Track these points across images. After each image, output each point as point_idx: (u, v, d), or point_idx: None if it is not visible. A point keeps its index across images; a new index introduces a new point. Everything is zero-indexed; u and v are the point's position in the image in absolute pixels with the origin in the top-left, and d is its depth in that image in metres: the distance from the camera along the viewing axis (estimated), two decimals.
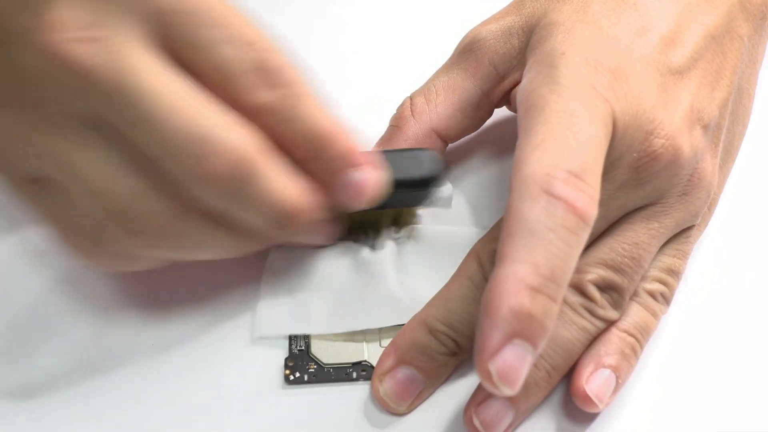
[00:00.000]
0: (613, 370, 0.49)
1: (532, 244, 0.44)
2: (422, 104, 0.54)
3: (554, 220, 0.44)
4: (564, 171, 0.44)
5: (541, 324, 0.43)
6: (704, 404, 0.50)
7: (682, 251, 0.51)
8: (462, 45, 0.54)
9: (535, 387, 0.48)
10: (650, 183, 0.49)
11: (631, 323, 0.50)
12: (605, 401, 0.48)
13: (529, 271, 0.43)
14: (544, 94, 0.47)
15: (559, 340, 0.48)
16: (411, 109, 0.54)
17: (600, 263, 0.49)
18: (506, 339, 0.43)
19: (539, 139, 0.46)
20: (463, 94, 0.54)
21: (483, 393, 0.48)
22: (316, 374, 0.50)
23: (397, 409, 0.49)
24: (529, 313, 0.43)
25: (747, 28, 0.52)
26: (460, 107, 0.54)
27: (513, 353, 0.43)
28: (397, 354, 0.50)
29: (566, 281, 0.44)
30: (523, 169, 0.45)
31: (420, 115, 0.53)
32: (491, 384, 0.43)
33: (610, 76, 0.48)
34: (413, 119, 0.53)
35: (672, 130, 0.49)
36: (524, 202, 0.44)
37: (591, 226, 0.45)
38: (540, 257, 0.43)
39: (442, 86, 0.54)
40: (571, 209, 0.44)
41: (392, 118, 0.54)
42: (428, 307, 0.50)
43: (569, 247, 0.44)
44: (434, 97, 0.54)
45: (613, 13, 0.50)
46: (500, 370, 0.43)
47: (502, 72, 0.53)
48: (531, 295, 0.43)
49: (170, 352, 0.51)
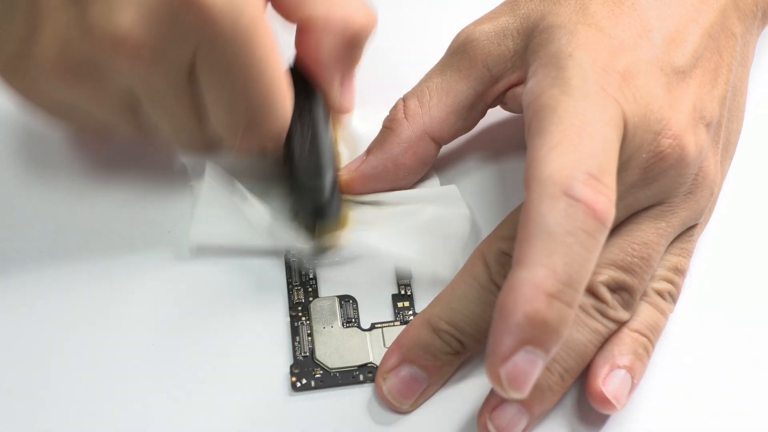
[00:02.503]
0: (627, 370, 0.49)
1: (552, 247, 0.43)
2: (415, 107, 0.53)
3: (574, 223, 0.43)
4: (584, 173, 0.44)
5: (555, 331, 0.43)
6: (706, 402, 0.50)
7: (686, 250, 0.52)
8: (454, 45, 0.54)
9: (549, 391, 0.48)
10: (658, 182, 0.49)
11: (642, 323, 0.50)
12: (623, 402, 0.48)
13: (548, 276, 0.43)
14: (555, 95, 0.47)
15: (573, 343, 0.48)
16: (404, 111, 0.53)
17: (611, 264, 0.49)
18: (519, 344, 0.43)
19: (555, 140, 0.45)
20: (456, 96, 0.53)
21: (497, 398, 0.48)
22: (322, 379, 0.50)
23: (400, 407, 0.50)
24: (545, 320, 0.43)
25: (740, 27, 0.53)
26: (454, 109, 0.53)
27: (524, 359, 0.43)
28: (401, 352, 0.50)
29: (584, 286, 0.44)
30: (541, 170, 0.45)
31: (413, 118, 0.53)
32: (500, 388, 0.43)
33: (619, 78, 0.48)
34: (406, 122, 0.53)
35: (679, 130, 0.49)
36: (543, 204, 0.44)
37: (609, 228, 0.44)
38: (559, 262, 0.43)
39: (435, 88, 0.53)
40: (590, 212, 0.44)
41: (385, 120, 0.54)
42: (432, 306, 0.50)
43: (588, 251, 0.44)
44: (427, 100, 0.53)
45: (612, 14, 0.50)
46: (510, 375, 0.43)
47: (495, 74, 0.53)
48: (548, 302, 0.43)
49: (173, 371, 0.51)
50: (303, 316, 0.52)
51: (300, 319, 0.52)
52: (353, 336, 0.52)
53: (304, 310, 0.52)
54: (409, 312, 0.52)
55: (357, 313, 0.52)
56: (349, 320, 0.52)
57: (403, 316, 0.52)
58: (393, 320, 0.52)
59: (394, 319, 0.52)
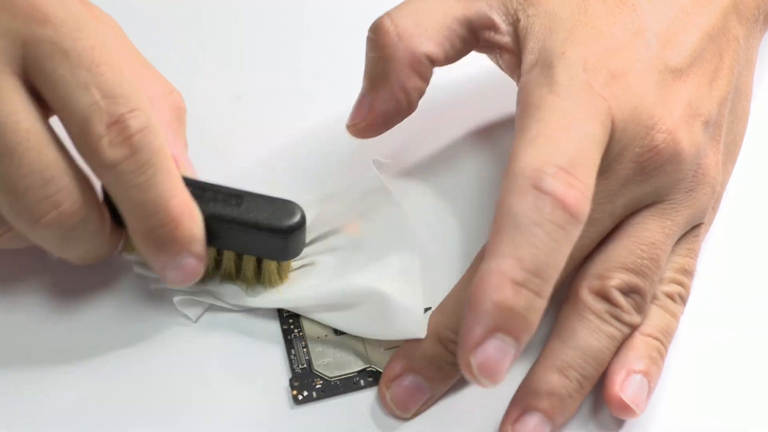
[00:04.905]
0: (644, 374, 0.49)
1: (518, 239, 0.44)
2: (411, 26, 0.51)
3: (542, 215, 0.44)
4: (553, 166, 0.45)
5: (523, 318, 0.43)
6: (713, 400, 0.51)
7: (692, 250, 0.52)
8: None
9: (569, 398, 0.48)
10: (654, 178, 0.50)
11: (655, 327, 0.50)
12: (642, 407, 0.49)
13: (514, 265, 0.43)
14: (542, 94, 0.47)
15: (589, 349, 0.48)
16: (397, 32, 0.51)
17: (621, 267, 0.49)
18: (487, 332, 0.43)
19: (532, 135, 0.46)
20: (454, 19, 0.51)
21: (518, 410, 0.48)
22: (324, 389, 0.50)
23: (402, 415, 0.49)
24: (512, 307, 0.43)
25: (742, 30, 0.53)
26: (448, 35, 0.51)
27: (494, 347, 0.43)
28: (405, 361, 0.49)
29: (554, 277, 0.44)
30: (514, 165, 0.45)
31: (410, 39, 0.51)
32: (471, 376, 0.44)
33: (608, 75, 0.48)
34: (402, 44, 0.51)
35: (672, 125, 0.49)
36: (513, 197, 0.44)
37: (582, 222, 0.45)
38: (526, 252, 0.44)
39: (432, 7, 0.51)
40: (559, 204, 0.44)
41: (372, 45, 0.51)
42: (437, 315, 0.50)
43: (556, 242, 0.44)
44: (424, 18, 0.51)
45: (612, 13, 0.50)
46: (480, 363, 0.43)
47: (493, 17, 0.51)
48: (515, 290, 0.43)
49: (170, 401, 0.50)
50: (295, 328, 0.52)
51: (293, 332, 0.51)
52: (349, 342, 0.51)
53: (295, 322, 0.52)
54: None
55: None
56: None
57: None
58: None
59: None
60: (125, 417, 0.49)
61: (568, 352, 0.48)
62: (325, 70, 0.60)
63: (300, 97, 0.59)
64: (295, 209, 0.49)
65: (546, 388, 0.48)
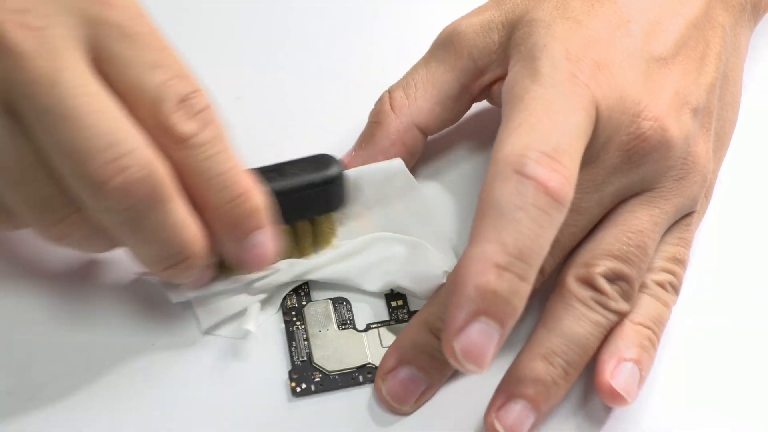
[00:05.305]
0: (635, 362, 0.49)
1: (501, 223, 0.44)
2: (402, 98, 0.54)
3: (525, 200, 0.44)
4: (536, 151, 0.45)
5: (507, 302, 0.43)
6: (710, 397, 0.51)
7: (684, 239, 0.52)
8: (441, 38, 0.54)
9: (553, 385, 0.48)
10: (643, 166, 0.50)
11: (645, 315, 0.50)
12: (633, 395, 0.48)
13: (497, 250, 0.43)
14: (526, 85, 0.48)
15: (575, 336, 0.48)
16: (390, 103, 0.54)
17: (607, 255, 0.49)
18: (471, 317, 0.43)
19: (516, 124, 0.46)
20: (442, 87, 0.54)
21: (502, 398, 0.48)
22: (322, 383, 0.50)
23: (400, 408, 0.50)
24: (495, 291, 0.43)
25: (727, 18, 0.53)
26: (440, 100, 0.54)
27: (478, 331, 0.43)
28: (399, 354, 0.50)
29: (537, 261, 0.44)
30: (497, 152, 0.45)
31: (400, 110, 0.54)
32: (455, 361, 0.44)
33: (592, 64, 0.48)
34: (393, 114, 0.54)
35: (659, 113, 0.49)
36: (496, 183, 0.45)
37: (566, 206, 0.45)
38: (508, 237, 0.44)
39: (422, 80, 0.54)
40: (542, 188, 0.44)
41: (371, 113, 0.54)
42: (429, 305, 0.51)
43: (540, 226, 0.44)
44: (414, 91, 0.54)
45: (592, 8, 0.51)
46: (464, 347, 0.44)
47: (481, 66, 0.53)
48: (497, 274, 0.43)
49: (170, 387, 0.51)
50: (297, 320, 0.52)
51: (295, 324, 0.52)
52: (350, 338, 0.52)
53: (298, 315, 0.52)
54: (404, 310, 0.52)
55: (352, 315, 0.52)
56: (345, 322, 0.52)
57: (398, 314, 0.52)
58: (389, 319, 0.52)
59: (389, 318, 0.52)
60: (122, 405, 0.50)
61: (554, 339, 0.48)
62: (325, 70, 0.60)
63: (300, 98, 0.59)
64: (329, 157, 0.51)
65: (531, 375, 0.48)
